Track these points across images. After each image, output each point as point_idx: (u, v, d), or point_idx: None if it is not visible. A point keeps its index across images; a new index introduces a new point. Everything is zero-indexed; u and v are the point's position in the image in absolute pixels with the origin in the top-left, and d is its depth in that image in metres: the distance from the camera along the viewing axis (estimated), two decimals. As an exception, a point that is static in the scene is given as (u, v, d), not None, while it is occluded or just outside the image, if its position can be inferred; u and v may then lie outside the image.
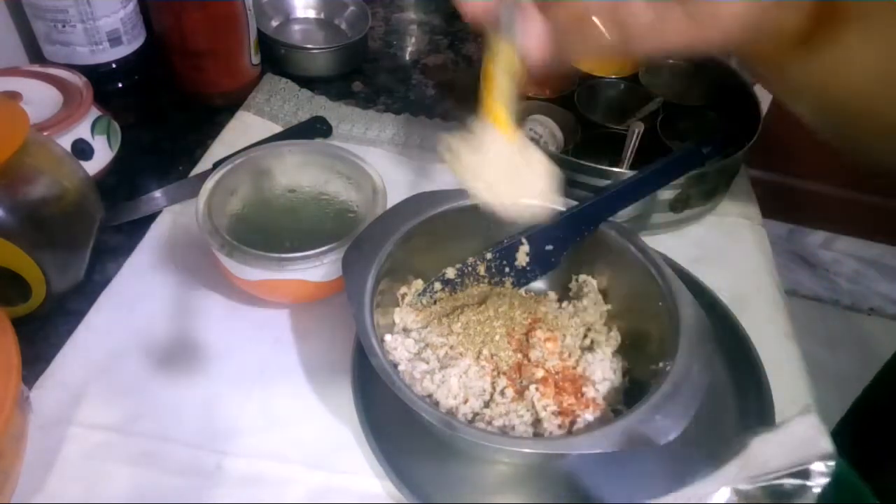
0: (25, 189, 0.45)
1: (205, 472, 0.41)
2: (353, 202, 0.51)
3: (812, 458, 0.23)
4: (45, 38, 0.60)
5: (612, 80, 0.66)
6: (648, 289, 0.43)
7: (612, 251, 0.46)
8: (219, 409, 0.45)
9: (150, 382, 0.46)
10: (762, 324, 0.51)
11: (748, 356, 0.48)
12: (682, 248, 0.57)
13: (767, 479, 0.24)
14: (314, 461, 0.42)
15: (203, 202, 0.47)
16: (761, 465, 0.24)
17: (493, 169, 0.27)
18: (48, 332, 0.48)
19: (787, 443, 0.24)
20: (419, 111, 0.70)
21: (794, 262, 1.66)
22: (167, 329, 0.49)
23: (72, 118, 0.54)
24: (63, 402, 0.44)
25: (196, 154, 0.63)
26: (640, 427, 0.35)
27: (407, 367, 0.42)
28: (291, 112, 0.68)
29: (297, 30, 0.79)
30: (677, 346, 0.39)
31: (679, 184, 0.54)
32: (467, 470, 0.42)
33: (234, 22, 0.64)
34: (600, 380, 0.42)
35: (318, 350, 0.48)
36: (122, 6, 0.60)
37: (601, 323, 0.46)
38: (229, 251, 0.45)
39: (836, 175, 1.40)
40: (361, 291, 0.40)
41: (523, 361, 0.43)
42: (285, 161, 0.52)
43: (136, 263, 0.53)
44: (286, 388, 0.46)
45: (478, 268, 0.48)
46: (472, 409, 0.40)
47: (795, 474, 0.24)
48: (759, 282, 0.56)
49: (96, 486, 0.40)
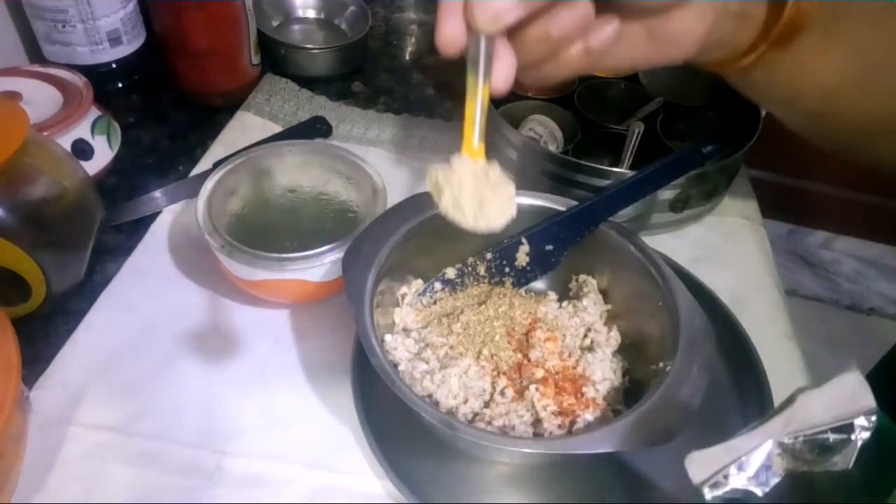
0: (25, 189, 0.45)
1: (205, 472, 0.41)
2: (353, 202, 0.51)
3: (856, 413, 0.24)
4: (45, 38, 0.60)
5: (612, 80, 0.66)
6: (648, 289, 0.43)
7: (612, 251, 0.46)
8: (219, 409, 0.44)
9: (150, 382, 0.46)
10: (762, 324, 0.51)
11: (748, 356, 0.48)
12: (682, 248, 0.57)
13: (812, 433, 0.24)
14: (314, 461, 0.42)
15: (203, 202, 0.47)
16: (806, 419, 0.24)
17: (468, 198, 0.29)
18: (48, 332, 0.48)
19: (832, 399, 0.24)
20: (419, 111, 0.70)
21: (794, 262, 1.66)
22: (167, 329, 0.49)
23: (72, 118, 0.55)
24: (63, 402, 0.44)
25: (196, 154, 0.63)
26: (640, 427, 0.35)
27: (407, 367, 0.42)
28: (291, 112, 0.68)
29: (297, 30, 0.79)
30: (677, 346, 0.39)
31: (679, 184, 0.54)
32: (467, 470, 0.42)
33: (234, 22, 0.64)
34: (600, 380, 0.42)
35: (318, 350, 0.48)
36: (122, 6, 0.60)
37: (601, 323, 0.46)
38: (229, 251, 0.45)
39: (836, 175, 1.40)
40: (361, 291, 0.40)
41: (523, 361, 0.43)
42: (285, 161, 0.52)
43: (136, 263, 0.53)
44: (286, 388, 0.46)
45: (478, 268, 0.48)
46: (472, 409, 0.40)
47: (839, 429, 0.24)
48: (759, 282, 0.56)
49: (96, 486, 0.40)
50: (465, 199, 0.29)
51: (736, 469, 0.24)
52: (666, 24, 0.31)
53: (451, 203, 0.29)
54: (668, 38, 0.32)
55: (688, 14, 0.31)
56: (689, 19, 0.31)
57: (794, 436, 0.24)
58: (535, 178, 0.57)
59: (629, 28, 0.32)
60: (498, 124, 0.58)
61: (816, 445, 0.24)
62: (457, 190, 0.29)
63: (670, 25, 0.32)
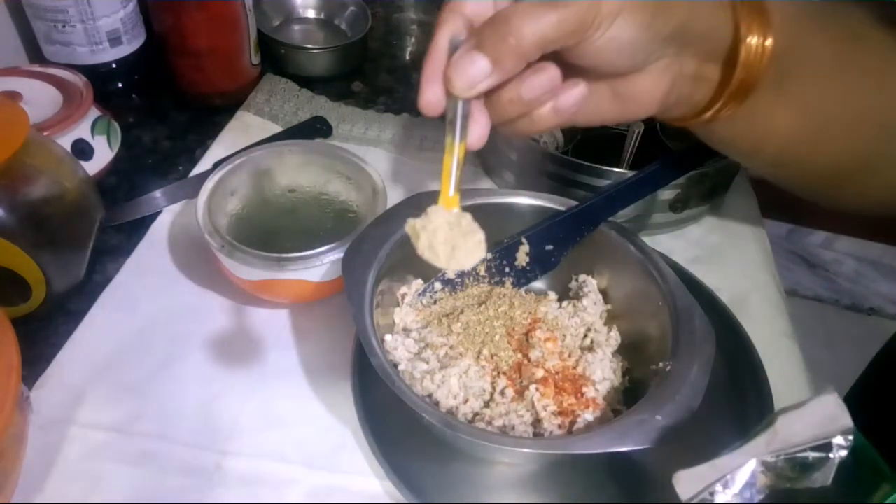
0: (25, 189, 0.45)
1: (205, 472, 0.41)
2: (353, 202, 0.51)
3: (834, 433, 0.25)
4: (45, 38, 0.60)
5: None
6: (648, 289, 0.43)
7: (612, 251, 0.46)
8: (219, 409, 0.44)
9: (150, 382, 0.46)
10: (762, 324, 0.51)
11: (748, 356, 0.48)
12: (682, 248, 0.57)
13: (792, 452, 0.26)
14: (314, 461, 0.42)
15: (203, 202, 0.47)
16: (787, 439, 0.26)
17: (441, 243, 0.32)
18: (48, 332, 0.48)
19: (811, 419, 0.26)
20: (419, 111, 0.70)
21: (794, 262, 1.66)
22: (167, 329, 0.49)
23: (72, 118, 0.54)
24: (63, 402, 0.44)
25: (196, 154, 0.63)
26: (639, 427, 0.35)
27: (407, 367, 0.42)
28: (291, 112, 0.68)
29: (297, 30, 0.79)
30: (677, 346, 0.39)
31: (679, 184, 0.54)
32: (467, 470, 0.42)
33: (234, 22, 0.64)
34: (600, 380, 0.42)
35: (318, 350, 0.48)
36: (122, 6, 0.60)
37: (601, 323, 0.46)
38: (229, 251, 0.45)
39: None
40: (361, 291, 0.40)
41: (523, 361, 0.43)
42: (285, 161, 0.52)
43: (136, 263, 0.53)
44: (286, 388, 0.46)
45: (478, 268, 0.48)
46: (472, 409, 0.40)
47: (818, 447, 0.26)
48: (759, 282, 0.56)
49: (96, 486, 0.40)
50: (439, 244, 0.32)
51: (721, 486, 0.26)
52: (628, 86, 0.34)
53: (427, 247, 0.32)
54: (630, 98, 0.35)
55: (647, 77, 0.34)
56: (649, 82, 0.34)
57: (776, 454, 0.26)
58: (535, 178, 0.57)
59: (595, 89, 0.34)
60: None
61: (797, 463, 0.26)
62: (432, 236, 0.32)
63: (632, 87, 0.34)
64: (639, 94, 0.35)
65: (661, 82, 0.34)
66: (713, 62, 0.35)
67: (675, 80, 0.34)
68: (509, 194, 0.48)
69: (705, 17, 0.33)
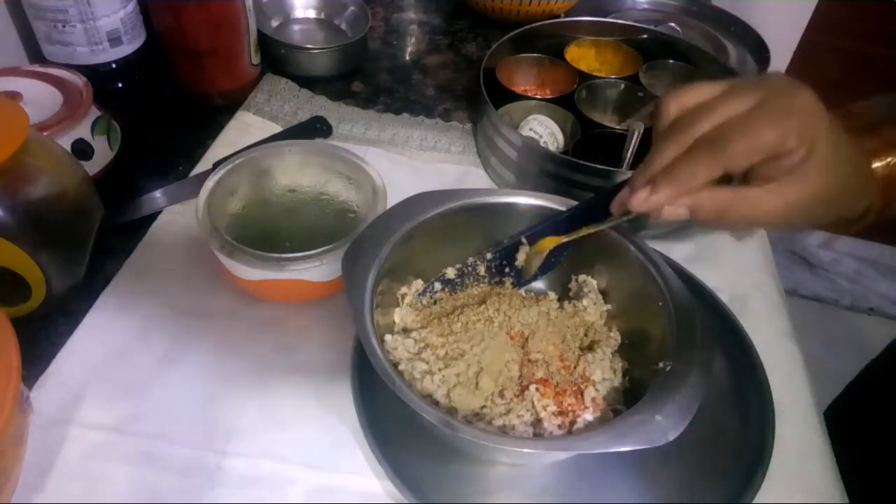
0: (25, 189, 0.45)
1: (205, 472, 0.41)
2: (353, 202, 0.51)
3: None
4: (45, 38, 0.60)
5: (612, 80, 0.66)
6: (648, 289, 0.43)
7: (612, 251, 0.46)
8: (219, 409, 0.45)
9: (150, 382, 0.46)
10: (762, 324, 0.51)
11: (748, 356, 0.48)
12: (681, 248, 0.57)
13: None
14: (314, 461, 0.42)
15: (203, 202, 0.47)
16: None
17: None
18: (48, 332, 0.48)
19: None
20: (419, 111, 0.70)
21: (794, 262, 1.66)
22: (167, 329, 0.49)
23: (72, 118, 0.54)
24: (63, 402, 0.44)
25: (196, 154, 0.63)
26: (640, 427, 0.35)
27: (407, 367, 0.41)
28: (291, 112, 0.68)
29: (297, 30, 0.79)
30: (677, 346, 0.39)
31: (679, 184, 0.53)
32: (467, 470, 0.42)
33: (234, 22, 0.64)
34: (600, 380, 0.42)
35: (318, 350, 0.48)
36: (122, 6, 0.60)
37: (601, 323, 0.46)
38: (229, 251, 0.45)
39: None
40: (361, 291, 0.40)
41: (523, 361, 0.43)
42: (285, 161, 0.52)
43: (136, 263, 0.53)
44: (286, 388, 0.46)
45: (478, 268, 0.48)
46: (471, 409, 0.40)
47: None
48: (759, 282, 0.56)
49: (96, 486, 0.40)
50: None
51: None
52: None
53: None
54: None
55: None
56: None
57: None
58: (535, 178, 0.57)
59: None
60: (498, 124, 0.58)
61: None
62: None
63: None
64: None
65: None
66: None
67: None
68: (509, 194, 0.48)
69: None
